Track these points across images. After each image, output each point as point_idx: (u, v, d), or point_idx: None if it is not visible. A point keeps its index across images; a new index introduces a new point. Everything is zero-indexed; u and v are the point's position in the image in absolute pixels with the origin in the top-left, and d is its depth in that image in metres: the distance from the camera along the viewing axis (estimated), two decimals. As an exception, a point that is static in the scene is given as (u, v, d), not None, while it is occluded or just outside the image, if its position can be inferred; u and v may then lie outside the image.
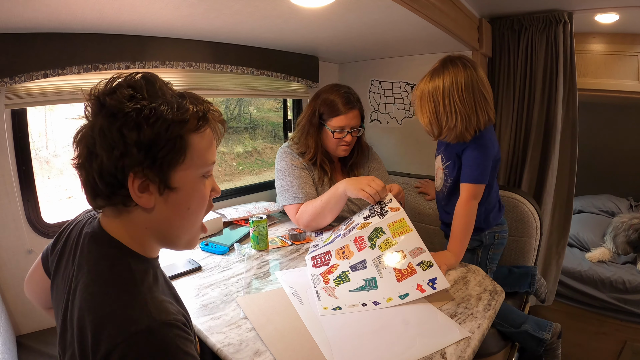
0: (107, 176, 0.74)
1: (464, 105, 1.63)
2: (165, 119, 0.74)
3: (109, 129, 0.72)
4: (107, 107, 0.73)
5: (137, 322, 0.68)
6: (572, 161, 2.58)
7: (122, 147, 0.72)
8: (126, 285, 0.76)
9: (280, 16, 1.68)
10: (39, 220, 1.76)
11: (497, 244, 1.91)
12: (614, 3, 2.36)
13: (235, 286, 1.47)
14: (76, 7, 1.36)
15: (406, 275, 1.42)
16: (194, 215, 0.86)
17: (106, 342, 0.66)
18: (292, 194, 2.03)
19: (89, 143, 0.74)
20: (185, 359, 0.69)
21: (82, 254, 0.82)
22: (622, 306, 2.92)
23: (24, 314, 1.70)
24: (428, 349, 1.09)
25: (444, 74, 1.65)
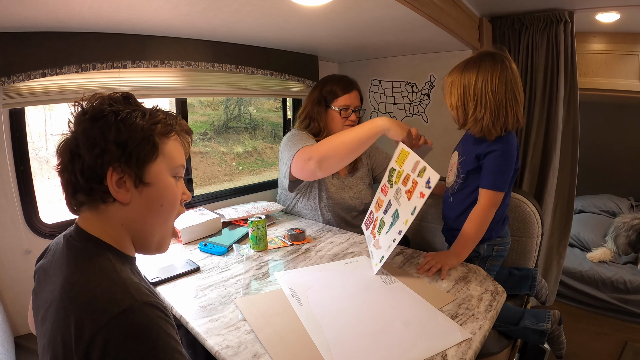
0: (89, 172, 0.82)
1: (495, 99, 1.58)
2: (139, 122, 0.85)
3: (91, 129, 0.82)
4: (90, 112, 0.84)
5: (119, 303, 0.71)
6: (573, 161, 2.58)
7: (103, 145, 0.81)
8: (106, 273, 0.79)
9: (280, 15, 1.67)
10: (38, 220, 1.75)
11: (495, 256, 1.87)
12: (614, 2, 2.35)
13: (234, 287, 1.46)
14: (74, 6, 1.35)
15: (412, 190, 1.50)
16: (166, 213, 0.94)
17: (90, 327, 0.68)
18: (302, 144, 1.94)
19: (72, 146, 0.83)
20: (168, 340, 0.73)
21: (62, 252, 0.86)
22: (623, 306, 2.92)
23: (22, 315, 1.69)
24: (429, 351, 1.08)
25: (480, 65, 1.61)
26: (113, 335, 0.68)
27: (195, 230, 1.96)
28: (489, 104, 1.59)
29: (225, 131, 4.57)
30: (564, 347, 1.80)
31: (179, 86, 2.09)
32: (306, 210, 2.30)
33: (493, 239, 1.83)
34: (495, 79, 1.57)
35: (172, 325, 0.78)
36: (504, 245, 1.87)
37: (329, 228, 2.12)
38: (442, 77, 2.53)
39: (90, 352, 0.67)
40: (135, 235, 0.92)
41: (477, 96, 1.60)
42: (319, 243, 1.90)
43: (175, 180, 0.94)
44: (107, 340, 0.67)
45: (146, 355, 0.70)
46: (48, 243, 1.65)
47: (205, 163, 4.35)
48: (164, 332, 0.73)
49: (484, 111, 1.60)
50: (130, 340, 0.69)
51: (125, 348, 0.69)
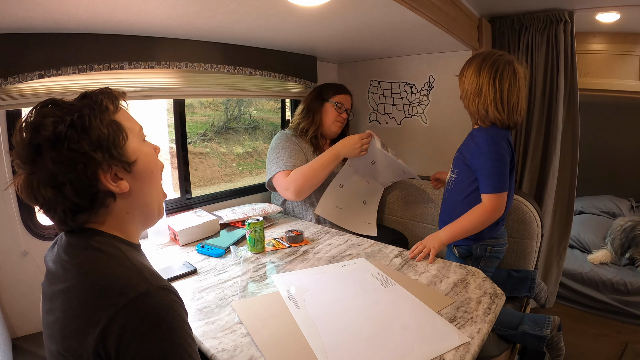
0: (83, 189, 0.81)
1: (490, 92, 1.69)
2: (94, 116, 0.83)
3: (61, 154, 0.78)
4: (44, 142, 0.78)
5: (136, 287, 0.74)
6: (573, 162, 2.57)
7: (82, 158, 0.80)
8: (118, 260, 0.81)
9: (277, 15, 1.66)
10: (35, 222, 1.74)
11: (489, 257, 1.87)
12: (615, 2, 2.34)
13: (230, 290, 1.46)
14: (70, 7, 1.34)
15: None
16: (156, 177, 0.98)
17: (107, 311, 0.70)
18: (283, 162, 2.18)
19: (50, 180, 0.79)
20: (181, 324, 0.77)
21: (68, 245, 0.86)
22: (623, 308, 2.91)
23: (20, 316, 1.68)
24: (427, 354, 1.08)
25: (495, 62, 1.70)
26: (130, 318, 0.70)
27: (192, 232, 1.95)
28: (484, 97, 1.72)
29: (225, 132, 4.57)
30: (563, 354, 1.79)
31: (176, 87, 2.09)
32: (296, 204, 2.38)
33: (486, 239, 1.84)
34: (498, 77, 1.69)
35: (185, 311, 0.81)
36: (498, 246, 1.87)
37: (327, 230, 2.11)
38: (441, 78, 2.55)
39: (106, 336, 0.69)
40: (141, 214, 0.95)
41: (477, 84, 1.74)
42: (317, 245, 1.89)
43: (145, 142, 0.97)
44: (125, 322, 0.70)
45: (161, 337, 0.72)
46: (45, 245, 1.66)
47: (205, 164, 4.35)
48: (178, 316, 0.77)
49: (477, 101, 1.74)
50: (146, 323, 0.71)
51: (141, 331, 0.71)
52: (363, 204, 2.46)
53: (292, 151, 2.25)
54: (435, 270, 1.60)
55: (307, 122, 2.40)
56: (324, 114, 2.42)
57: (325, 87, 2.46)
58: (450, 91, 2.49)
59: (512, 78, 1.70)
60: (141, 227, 0.98)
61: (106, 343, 0.70)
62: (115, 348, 0.69)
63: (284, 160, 2.19)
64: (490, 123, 1.73)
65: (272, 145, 2.33)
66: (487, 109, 1.71)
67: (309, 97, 2.47)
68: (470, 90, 1.76)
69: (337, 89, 2.45)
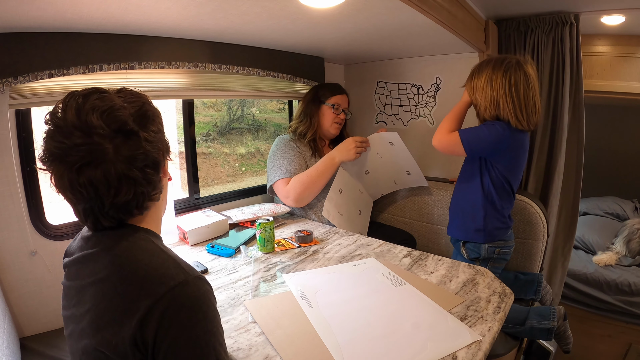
0: (155, 175, 0.86)
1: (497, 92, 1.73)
2: (152, 109, 0.88)
3: (153, 133, 0.85)
4: (114, 127, 0.78)
5: (174, 277, 0.77)
6: (578, 163, 2.57)
7: (162, 141, 0.89)
8: (154, 252, 0.84)
9: (288, 16, 1.67)
10: (43, 221, 1.75)
11: (497, 259, 1.90)
12: (620, 5, 2.35)
13: (242, 289, 1.46)
14: (82, 7, 1.35)
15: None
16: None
17: (146, 299, 0.73)
18: (283, 170, 2.23)
19: (137, 161, 0.81)
20: (215, 314, 0.80)
21: (98, 239, 0.87)
22: (627, 309, 2.91)
23: (28, 316, 1.69)
24: (439, 352, 1.08)
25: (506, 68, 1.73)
26: (169, 306, 0.73)
27: (202, 232, 1.96)
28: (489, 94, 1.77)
29: (228, 132, 4.57)
30: (571, 342, 1.81)
31: (186, 87, 2.09)
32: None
33: (495, 241, 1.86)
34: (508, 79, 1.72)
35: (216, 301, 0.84)
36: (506, 248, 1.89)
37: (336, 230, 2.12)
38: (448, 80, 2.55)
39: (145, 324, 0.72)
40: (163, 208, 1.02)
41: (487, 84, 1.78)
42: (327, 245, 1.90)
43: None
44: (164, 310, 0.73)
45: (197, 325, 0.75)
46: (53, 244, 1.66)
47: (208, 164, 4.35)
48: (212, 305, 0.80)
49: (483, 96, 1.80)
50: (184, 311, 0.75)
51: (179, 318, 0.74)
52: (359, 214, 2.46)
53: (292, 157, 2.28)
54: (445, 270, 1.60)
55: (305, 125, 2.41)
56: (321, 117, 2.43)
57: (320, 88, 2.47)
58: (456, 93, 2.48)
59: (525, 83, 1.72)
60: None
61: (144, 331, 0.72)
62: (153, 335, 0.72)
63: (284, 167, 2.24)
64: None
65: (272, 152, 2.35)
66: (507, 119, 1.74)
67: (305, 100, 2.47)
68: (485, 105, 1.78)
69: (333, 89, 2.45)
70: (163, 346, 0.72)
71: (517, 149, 1.81)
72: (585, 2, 2.30)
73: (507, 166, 1.81)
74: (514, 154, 1.80)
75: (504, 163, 1.80)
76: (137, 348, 0.73)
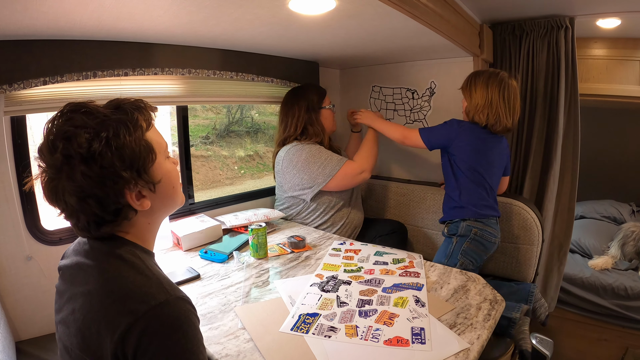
0: (108, 205, 0.83)
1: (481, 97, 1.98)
2: (129, 134, 0.85)
3: (91, 170, 0.79)
4: (76, 156, 0.78)
5: (156, 297, 0.78)
6: (573, 167, 2.57)
7: (112, 176, 0.82)
8: (138, 269, 0.85)
9: (280, 23, 1.68)
10: (39, 227, 1.75)
11: (473, 239, 1.99)
12: (615, 8, 2.34)
13: (233, 295, 1.47)
14: (75, 15, 1.36)
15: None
16: (177, 189, 1.01)
17: (127, 317, 0.74)
18: (335, 160, 2.29)
19: (76, 191, 0.80)
20: (195, 333, 0.81)
21: (90, 251, 0.89)
22: (623, 313, 2.90)
23: (23, 320, 1.69)
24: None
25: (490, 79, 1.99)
26: (149, 325, 0.74)
27: (195, 237, 1.97)
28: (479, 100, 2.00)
29: (227, 135, 4.57)
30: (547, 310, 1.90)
31: (180, 93, 2.10)
32: (333, 213, 2.39)
33: (471, 219, 2.01)
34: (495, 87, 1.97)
35: (198, 320, 0.86)
36: (484, 232, 1.99)
37: (329, 235, 2.12)
38: (442, 84, 2.56)
39: (125, 340, 0.73)
40: (161, 218, 1.01)
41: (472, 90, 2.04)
42: (319, 251, 1.90)
43: (168, 159, 0.99)
44: (144, 329, 0.74)
45: (177, 345, 0.76)
46: (49, 250, 1.67)
47: (207, 167, 4.35)
48: (192, 324, 0.81)
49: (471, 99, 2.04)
50: (163, 330, 0.76)
51: (158, 337, 0.75)
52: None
53: (326, 150, 2.35)
54: (436, 277, 1.61)
55: (313, 134, 2.41)
56: (323, 120, 2.45)
57: (305, 96, 2.42)
58: (451, 97, 2.50)
59: (514, 92, 1.99)
60: (157, 232, 1.03)
61: (125, 346, 0.73)
62: (133, 352, 0.73)
63: (334, 157, 2.30)
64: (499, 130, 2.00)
65: (306, 158, 2.28)
66: (499, 117, 1.96)
67: (297, 114, 2.40)
68: (481, 103, 1.99)
69: (320, 92, 2.48)
70: None
71: (477, 145, 2.02)
72: (580, 5, 2.29)
73: (468, 158, 2.02)
74: (473, 148, 2.02)
75: (463, 156, 2.03)
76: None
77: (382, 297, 1.44)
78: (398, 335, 1.20)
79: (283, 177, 2.33)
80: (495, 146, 2.05)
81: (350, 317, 1.31)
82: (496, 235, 2.02)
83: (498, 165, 2.10)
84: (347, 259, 1.79)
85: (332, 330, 1.23)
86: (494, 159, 2.06)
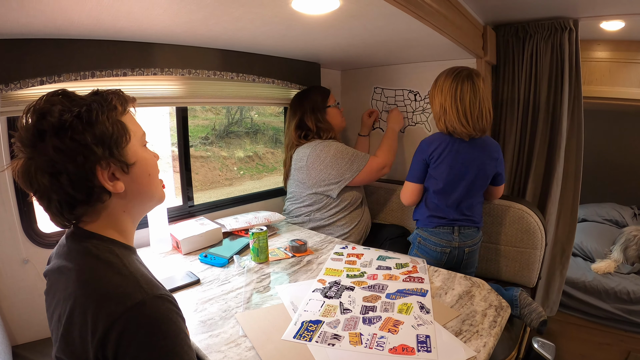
0: (79, 182, 0.82)
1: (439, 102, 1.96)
2: (102, 112, 0.85)
3: (63, 142, 0.80)
4: (49, 127, 0.79)
5: (132, 296, 0.76)
6: (577, 170, 2.55)
7: (83, 150, 0.81)
8: (115, 268, 0.83)
9: (282, 23, 1.65)
10: (35, 229, 1.73)
11: (420, 248, 2.06)
12: (619, 10, 2.33)
13: (234, 301, 1.44)
14: (72, 14, 1.33)
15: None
16: (154, 179, 0.99)
17: (104, 320, 0.73)
18: (361, 154, 2.41)
19: (48, 166, 0.80)
20: (177, 332, 0.79)
21: (69, 252, 0.88)
22: (626, 317, 2.89)
23: (20, 324, 1.67)
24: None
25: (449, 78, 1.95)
26: (126, 327, 0.72)
27: (195, 240, 1.94)
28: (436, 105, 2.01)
29: (227, 135, 4.56)
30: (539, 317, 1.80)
31: (179, 94, 2.08)
32: (348, 211, 2.45)
33: (420, 228, 2.07)
34: (450, 89, 1.94)
35: (182, 318, 0.83)
36: (429, 242, 2.02)
37: (331, 239, 2.10)
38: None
39: (105, 343, 0.72)
40: (139, 209, 0.98)
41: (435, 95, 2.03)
42: (321, 255, 1.88)
43: (145, 148, 0.99)
44: (121, 332, 0.72)
45: (157, 346, 0.74)
46: (46, 252, 1.64)
47: (206, 167, 4.34)
48: (174, 324, 0.78)
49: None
50: (142, 332, 0.74)
51: (137, 339, 0.73)
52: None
53: (350, 147, 2.45)
54: (440, 282, 1.58)
55: (327, 130, 2.48)
56: (332, 119, 2.51)
57: (310, 98, 2.49)
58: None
59: (472, 93, 1.90)
60: (137, 223, 1.01)
61: (105, 351, 0.72)
62: (113, 356, 0.72)
63: (359, 152, 2.42)
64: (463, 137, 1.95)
65: (334, 154, 2.35)
66: (453, 125, 1.92)
67: (303, 116, 2.46)
68: (436, 110, 1.99)
69: (324, 92, 2.54)
70: None
71: (442, 154, 1.97)
72: (584, 7, 2.28)
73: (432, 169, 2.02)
74: (438, 157, 1.97)
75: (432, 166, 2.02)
76: None
77: (386, 303, 1.41)
78: (403, 343, 1.18)
79: (307, 174, 2.35)
80: (463, 151, 1.96)
81: (354, 324, 1.28)
82: (443, 245, 1.99)
83: (468, 172, 1.98)
84: (350, 263, 1.76)
85: (336, 338, 1.20)
86: (456, 165, 1.96)
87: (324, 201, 2.36)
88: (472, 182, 1.98)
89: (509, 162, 2.69)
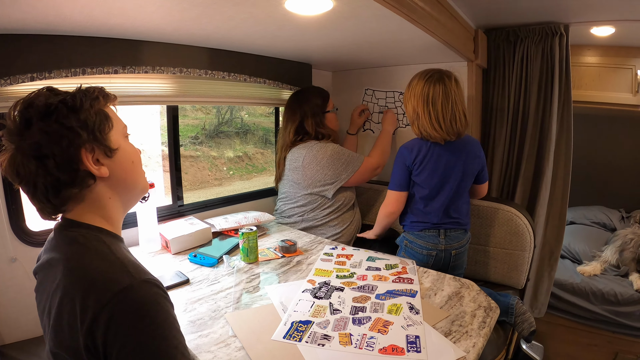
0: (65, 165, 0.84)
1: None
2: (86, 100, 0.89)
3: (49, 125, 0.82)
4: (35, 114, 0.82)
5: (119, 282, 0.76)
6: (565, 173, 2.57)
7: (68, 133, 0.84)
8: (102, 255, 0.84)
9: (275, 23, 1.65)
10: (24, 228, 1.71)
11: (406, 250, 2.05)
12: (610, 16, 2.36)
13: (224, 301, 1.44)
14: (65, 9, 1.32)
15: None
16: (137, 167, 1.02)
17: (93, 306, 0.73)
18: (356, 155, 2.44)
19: (34, 150, 0.81)
20: (166, 317, 0.79)
21: (57, 244, 0.89)
22: (613, 318, 2.91)
23: (8, 324, 1.65)
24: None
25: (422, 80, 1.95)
26: (114, 312, 0.73)
27: (184, 240, 1.93)
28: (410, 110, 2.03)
29: (217, 135, 4.55)
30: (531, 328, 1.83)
31: (170, 93, 2.07)
32: (342, 211, 2.46)
33: (406, 231, 2.07)
34: (422, 93, 1.94)
35: (170, 303, 0.83)
36: (415, 246, 2.01)
37: (320, 240, 2.10)
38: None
39: (94, 330, 0.72)
40: (124, 198, 0.99)
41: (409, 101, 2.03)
42: (310, 255, 1.88)
43: (127, 139, 1.02)
44: (109, 317, 0.72)
45: (145, 330, 0.75)
46: (34, 251, 1.63)
47: (195, 167, 4.32)
48: (162, 308, 0.79)
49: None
50: (130, 317, 0.74)
51: (125, 324, 0.73)
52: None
53: (346, 148, 2.46)
54: (430, 283, 1.59)
55: (327, 135, 2.48)
56: (329, 123, 2.53)
57: (309, 101, 2.47)
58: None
59: (444, 96, 1.89)
60: (123, 212, 1.02)
61: (94, 338, 0.72)
62: (102, 342, 0.72)
63: (354, 154, 2.44)
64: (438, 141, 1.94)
65: (331, 155, 2.35)
66: (427, 130, 1.92)
67: (305, 116, 2.44)
68: (409, 115, 2.01)
69: (324, 95, 2.54)
70: (113, 353, 0.72)
71: (423, 159, 1.95)
72: (575, 13, 2.30)
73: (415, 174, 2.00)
74: (420, 162, 1.96)
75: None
76: (91, 354, 0.73)
77: (376, 304, 1.41)
78: (393, 343, 1.18)
79: (303, 174, 2.34)
80: (445, 154, 1.96)
81: (344, 324, 1.28)
82: (429, 248, 1.98)
83: (452, 175, 1.98)
84: (339, 264, 1.76)
85: (326, 339, 1.20)
86: (439, 169, 1.96)
87: (319, 201, 2.37)
88: (457, 185, 1.98)
89: (499, 165, 2.70)
